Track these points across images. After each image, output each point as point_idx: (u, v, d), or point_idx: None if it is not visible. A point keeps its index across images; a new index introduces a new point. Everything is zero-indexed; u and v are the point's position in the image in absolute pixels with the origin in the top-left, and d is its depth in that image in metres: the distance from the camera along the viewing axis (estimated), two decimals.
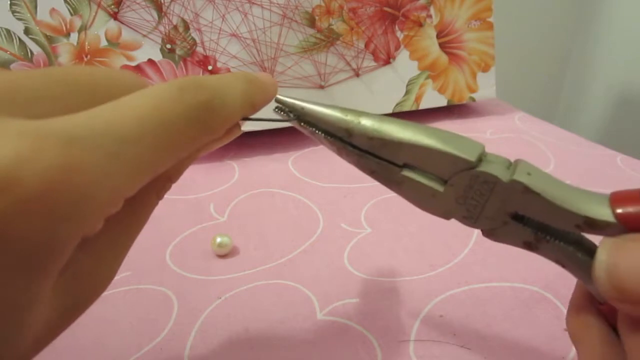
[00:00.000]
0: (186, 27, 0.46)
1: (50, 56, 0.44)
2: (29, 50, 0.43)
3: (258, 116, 0.18)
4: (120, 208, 0.12)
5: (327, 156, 0.49)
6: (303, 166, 0.46)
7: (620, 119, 1.09)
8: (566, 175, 0.43)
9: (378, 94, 0.54)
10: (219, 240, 0.32)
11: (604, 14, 1.09)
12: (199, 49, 0.47)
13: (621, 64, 1.07)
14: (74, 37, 0.44)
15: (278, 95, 0.19)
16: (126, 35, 0.45)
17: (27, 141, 0.10)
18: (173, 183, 0.17)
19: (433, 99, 0.56)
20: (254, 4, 0.47)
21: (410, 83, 0.55)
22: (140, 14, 0.45)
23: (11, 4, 0.42)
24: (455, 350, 0.24)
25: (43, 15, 0.43)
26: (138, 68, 0.46)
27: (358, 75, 0.53)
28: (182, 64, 0.47)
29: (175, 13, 0.46)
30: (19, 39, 0.43)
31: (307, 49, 0.50)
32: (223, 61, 0.48)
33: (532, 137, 0.52)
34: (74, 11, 0.44)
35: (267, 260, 0.32)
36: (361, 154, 0.18)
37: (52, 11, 0.43)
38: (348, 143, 0.18)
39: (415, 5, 0.54)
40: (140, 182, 0.12)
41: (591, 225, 0.15)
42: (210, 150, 0.19)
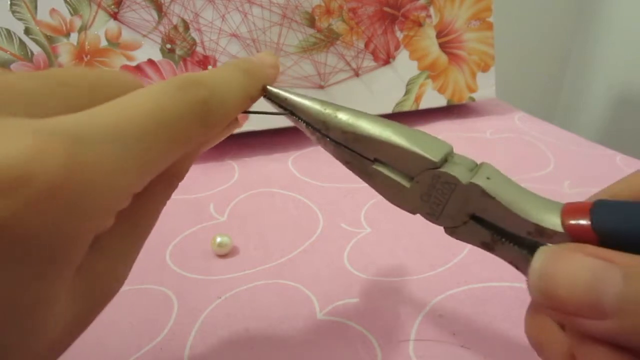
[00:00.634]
0: (186, 27, 0.46)
1: (51, 56, 0.44)
2: (29, 50, 0.43)
3: (254, 109, 0.19)
4: (128, 204, 0.13)
5: (327, 156, 0.49)
6: (303, 166, 0.46)
7: (620, 119, 1.09)
8: (566, 175, 0.43)
9: (378, 93, 0.54)
10: (219, 240, 0.32)
11: (604, 14, 1.09)
12: (199, 49, 0.47)
13: (621, 64, 1.07)
14: (74, 37, 0.44)
15: (267, 87, 0.19)
16: (126, 35, 0.45)
17: (37, 139, 0.10)
18: (179, 181, 0.18)
19: (433, 99, 0.56)
20: (254, 4, 0.47)
21: (410, 83, 0.55)
22: (140, 14, 0.45)
23: (11, 4, 0.42)
24: (455, 350, 0.24)
25: (43, 15, 0.43)
26: (138, 68, 0.46)
27: (358, 75, 0.53)
28: (182, 64, 0.47)
29: (175, 13, 0.46)
30: (19, 39, 0.43)
31: (307, 49, 0.50)
32: (223, 61, 0.48)
33: (532, 137, 0.52)
34: (74, 11, 0.44)
35: (267, 260, 0.32)
36: (337, 145, 0.19)
37: (52, 11, 0.43)
38: (325, 135, 0.19)
39: (415, 5, 0.54)
40: (146, 178, 0.13)
41: (541, 233, 0.15)
42: (211, 145, 0.20)
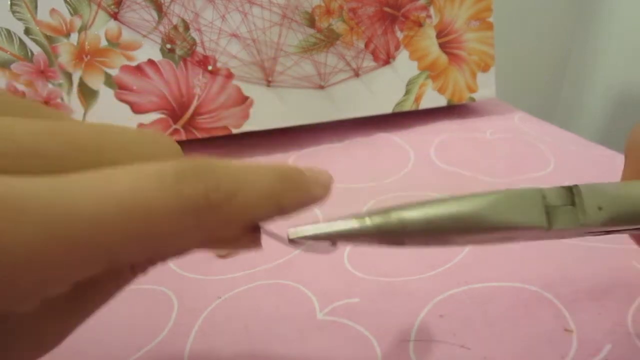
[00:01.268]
0: (186, 27, 0.47)
1: (51, 56, 0.44)
2: (29, 51, 0.43)
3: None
4: (66, 290, 0.11)
5: (327, 156, 0.49)
6: (303, 166, 0.46)
7: (620, 119, 1.09)
8: (566, 175, 0.43)
9: (378, 94, 0.54)
10: None
11: (604, 14, 1.09)
12: (199, 49, 0.47)
13: (621, 64, 1.07)
14: (74, 37, 0.44)
15: (290, 235, 0.16)
16: (126, 35, 0.45)
17: None
18: (153, 266, 0.15)
19: (433, 99, 0.56)
20: (254, 4, 0.47)
21: (410, 83, 0.55)
22: (140, 14, 0.45)
23: (11, 4, 0.42)
24: (455, 350, 0.24)
25: (43, 15, 0.43)
26: (138, 68, 0.46)
27: (358, 75, 0.53)
28: (182, 64, 0.47)
29: (175, 13, 0.46)
30: (19, 39, 0.43)
31: (307, 49, 0.50)
32: (223, 61, 0.48)
33: (532, 137, 0.52)
34: (74, 11, 0.44)
35: (267, 260, 0.32)
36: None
37: (52, 11, 0.43)
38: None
39: (415, 5, 0.54)
40: (92, 269, 0.11)
41: None
42: (221, 254, 0.17)
